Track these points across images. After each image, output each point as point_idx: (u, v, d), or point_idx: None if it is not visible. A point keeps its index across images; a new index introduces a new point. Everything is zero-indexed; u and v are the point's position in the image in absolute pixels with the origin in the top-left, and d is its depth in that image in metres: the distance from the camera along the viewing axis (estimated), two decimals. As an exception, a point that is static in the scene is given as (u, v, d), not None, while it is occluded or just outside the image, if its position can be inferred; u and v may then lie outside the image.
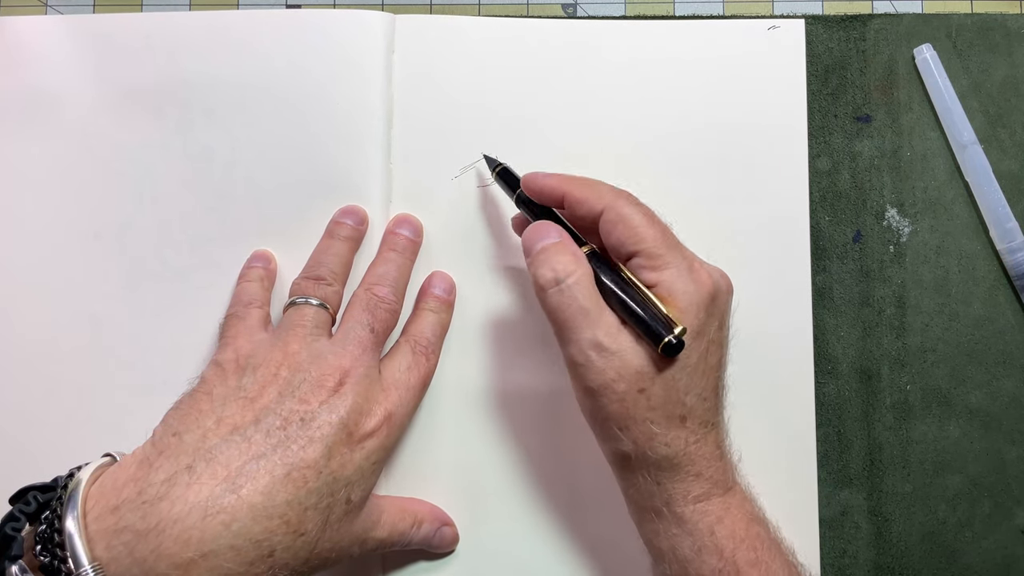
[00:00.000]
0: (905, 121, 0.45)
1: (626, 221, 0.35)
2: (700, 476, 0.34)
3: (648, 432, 0.33)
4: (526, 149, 0.44)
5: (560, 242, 0.36)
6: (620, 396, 0.33)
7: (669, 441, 0.33)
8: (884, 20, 0.45)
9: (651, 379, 0.33)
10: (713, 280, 0.35)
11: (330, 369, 0.36)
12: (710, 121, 0.44)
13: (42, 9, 0.47)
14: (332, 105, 0.43)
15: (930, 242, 0.44)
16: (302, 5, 0.47)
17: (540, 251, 0.36)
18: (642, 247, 0.34)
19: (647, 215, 0.35)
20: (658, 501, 0.34)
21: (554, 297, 0.34)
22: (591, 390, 0.34)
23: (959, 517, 0.43)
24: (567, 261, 0.35)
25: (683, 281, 0.34)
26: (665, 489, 0.34)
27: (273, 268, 0.42)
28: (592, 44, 0.44)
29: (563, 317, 0.34)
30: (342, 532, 0.35)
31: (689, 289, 0.34)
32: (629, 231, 0.35)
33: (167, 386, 0.39)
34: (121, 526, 0.30)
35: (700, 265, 0.35)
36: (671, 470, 0.34)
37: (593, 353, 0.33)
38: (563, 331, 0.35)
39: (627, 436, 0.34)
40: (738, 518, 0.34)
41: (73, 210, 0.44)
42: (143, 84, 0.44)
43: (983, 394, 0.43)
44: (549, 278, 0.35)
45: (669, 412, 0.33)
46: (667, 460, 0.34)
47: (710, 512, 0.34)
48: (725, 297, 0.36)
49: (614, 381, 0.33)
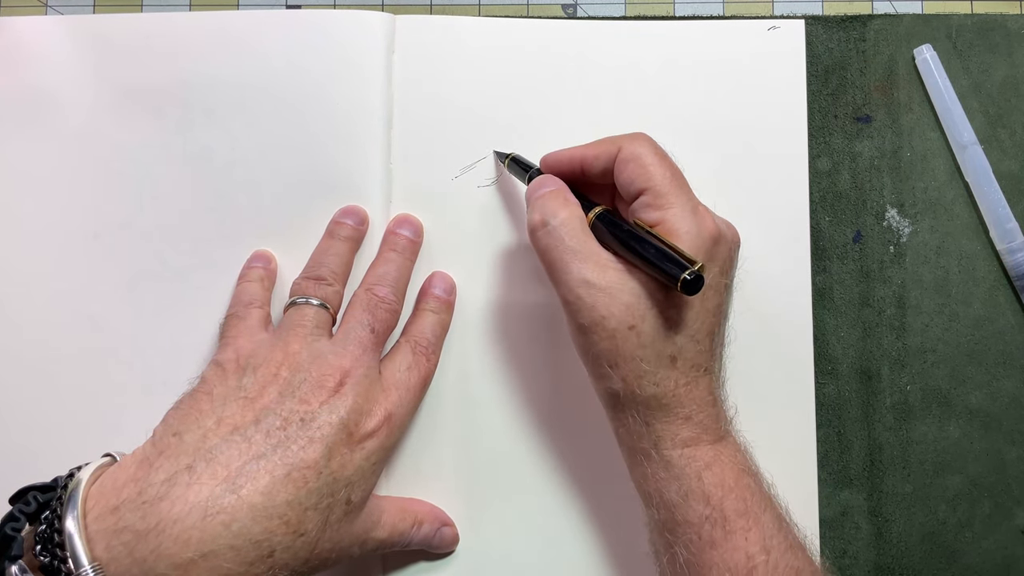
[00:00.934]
0: (905, 121, 0.45)
1: (638, 159, 0.35)
2: (689, 420, 0.34)
3: (638, 370, 0.33)
4: (526, 149, 0.43)
5: (554, 190, 0.37)
6: (610, 333, 0.33)
7: (658, 380, 0.34)
8: (884, 20, 0.45)
9: (641, 316, 0.33)
10: (717, 225, 0.35)
11: (330, 369, 0.36)
12: (710, 121, 0.44)
13: (42, 9, 0.47)
14: (332, 105, 0.43)
15: (930, 242, 0.44)
16: (302, 5, 0.47)
17: (535, 199, 0.37)
18: (650, 184, 0.35)
19: (659, 155, 0.36)
20: (646, 442, 0.34)
21: (543, 238, 0.35)
22: (582, 327, 0.34)
23: (959, 517, 0.43)
24: (556, 205, 0.36)
25: (686, 222, 0.34)
26: (654, 430, 0.34)
27: (273, 268, 0.42)
28: (592, 44, 0.44)
29: (551, 257, 0.35)
30: (342, 532, 0.35)
31: (691, 230, 0.34)
32: (639, 168, 0.35)
33: (167, 386, 0.39)
34: (121, 526, 0.30)
35: (705, 210, 0.35)
36: (660, 410, 0.34)
37: (582, 290, 0.34)
38: (553, 271, 0.35)
39: (617, 373, 0.34)
40: (728, 467, 0.34)
41: (73, 210, 0.44)
42: (143, 84, 0.44)
43: (983, 394, 0.43)
44: (537, 220, 0.36)
45: (659, 350, 0.33)
46: (656, 399, 0.34)
47: (698, 458, 0.34)
48: (728, 245, 0.36)
49: (604, 318, 0.33)
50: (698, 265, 0.32)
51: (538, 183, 0.38)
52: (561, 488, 0.42)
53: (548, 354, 0.43)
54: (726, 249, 0.35)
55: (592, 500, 0.42)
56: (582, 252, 0.34)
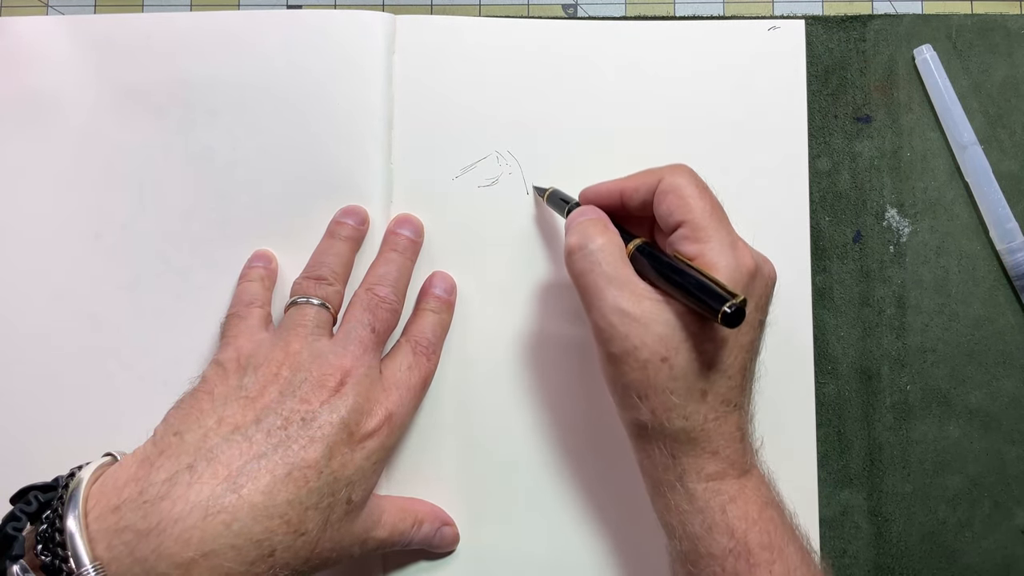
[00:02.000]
0: (905, 121, 0.45)
1: (678, 191, 0.35)
2: (716, 455, 0.34)
3: (667, 402, 0.33)
4: (526, 149, 0.44)
5: (593, 218, 0.37)
6: (642, 363, 0.33)
7: (688, 414, 0.33)
8: (884, 21, 0.45)
9: (675, 348, 0.33)
10: (755, 260, 0.35)
11: (331, 369, 0.36)
12: (710, 121, 0.44)
13: (43, 9, 0.47)
14: (333, 105, 0.43)
15: (930, 242, 0.44)
16: (302, 5, 0.47)
17: (575, 225, 0.37)
18: (689, 217, 0.34)
19: (700, 187, 0.36)
20: (671, 475, 0.34)
21: (579, 262, 0.35)
22: (614, 356, 0.34)
23: (959, 517, 0.43)
24: (595, 230, 0.36)
25: (724, 256, 0.34)
26: (680, 463, 0.34)
27: (274, 268, 0.42)
28: (592, 45, 0.44)
29: (586, 282, 0.35)
30: (343, 532, 0.35)
31: (730, 264, 0.33)
32: (679, 200, 0.35)
33: (168, 386, 0.39)
34: (122, 525, 0.30)
35: (744, 245, 0.35)
36: (687, 444, 0.33)
37: (616, 318, 0.33)
38: (587, 296, 0.35)
39: (646, 405, 0.33)
40: (752, 500, 0.34)
41: (74, 210, 0.44)
42: (144, 84, 0.44)
43: (983, 394, 0.43)
44: (575, 243, 0.35)
45: (690, 384, 0.33)
46: (684, 433, 0.33)
47: (723, 491, 0.34)
48: (765, 280, 0.35)
49: (636, 348, 0.33)
50: (740, 298, 0.31)
51: (579, 212, 0.38)
52: (561, 487, 0.42)
53: (548, 354, 0.43)
54: (762, 285, 0.35)
55: (592, 499, 0.42)
56: (618, 279, 0.34)
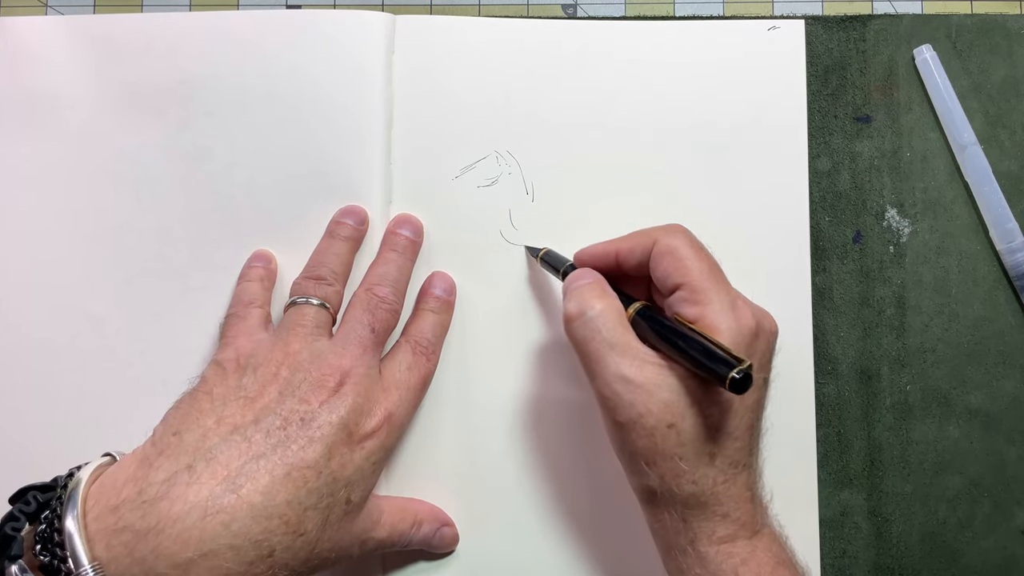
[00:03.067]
0: (905, 121, 0.45)
1: (674, 252, 0.35)
2: (727, 517, 0.33)
3: (676, 469, 0.33)
4: (526, 149, 0.44)
5: (591, 282, 0.36)
6: (649, 431, 0.32)
7: (697, 479, 0.33)
8: (884, 20, 0.45)
9: (681, 414, 0.32)
10: (756, 319, 0.34)
11: (330, 369, 0.36)
12: (710, 121, 0.44)
13: (42, 9, 0.47)
14: (332, 105, 0.43)
15: (930, 242, 0.44)
16: (302, 5, 0.47)
17: (572, 290, 0.36)
18: (687, 279, 0.34)
19: (696, 248, 0.35)
20: (683, 539, 0.34)
21: (579, 329, 0.35)
22: (620, 424, 0.33)
23: (959, 517, 0.43)
24: (593, 296, 0.35)
25: (725, 317, 0.33)
26: (691, 527, 0.33)
27: (273, 268, 0.42)
28: (592, 44, 0.44)
29: (587, 349, 0.34)
30: (342, 532, 0.35)
31: (731, 326, 0.33)
32: (676, 262, 0.35)
33: (167, 386, 0.39)
34: (121, 526, 0.30)
35: (744, 303, 0.34)
36: (697, 508, 0.33)
37: (620, 386, 0.33)
38: (589, 364, 0.34)
39: (654, 472, 0.33)
40: (764, 561, 0.33)
41: (73, 210, 0.44)
42: (143, 84, 0.44)
43: (983, 394, 0.43)
44: (574, 311, 0.35)
45: (698, 449, 0.33)
46: (694, 498, 0.33)
47: (735, 554, 0.33)
48: (767, 337, 0.35)
49: (642, 415, 0.32)
50: (746, 363, 0.30)
51: (576, 276, 0.37)
52: (561, 488, 0.42)
53: (547, 353, 0.43)
54: (765, 343, 0.35)
55: (592, 500, 0.42)
56: (620, 346, 0.33)
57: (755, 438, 0.35)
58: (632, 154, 0.44)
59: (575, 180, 0.44)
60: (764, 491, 0.35)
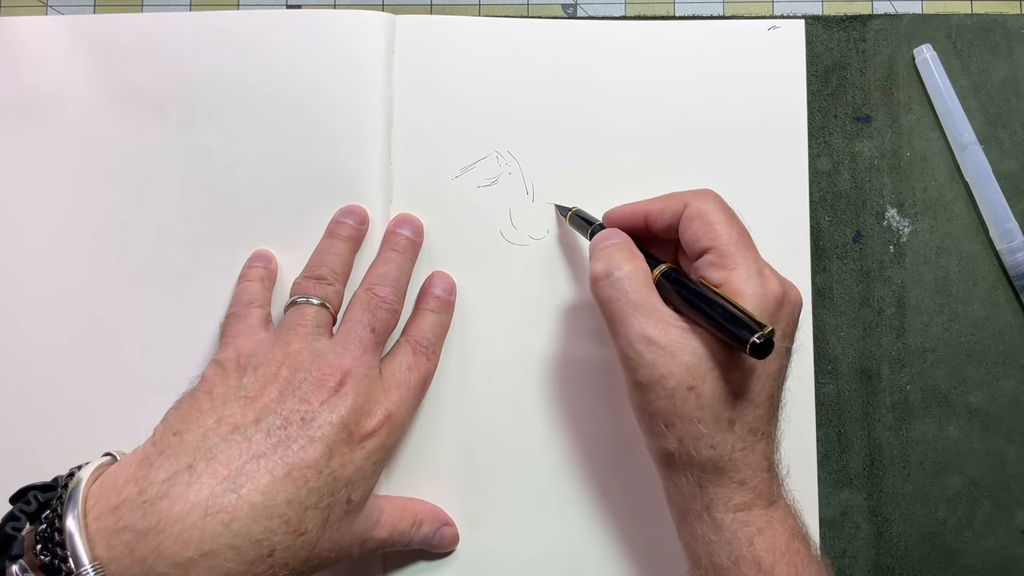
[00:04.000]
0: (905, 121, 0.45)
1: (704, 216, 0.35)
2: (744, 484, 0.33)
3: (695, 431, 0.33)
4: (526, 149, 0.44)
5: (619, 242, 0.36)
6: (669, 392, 0.33)
7: (715, 443, 0.33)
8: (884, 20, 0.45)
9: (702, 377, 0.32)
10: (783, 288, 0.34)
11: (331, 369, 0.36)
12: (710, 121, 0.44)
13: (42, 9, 0.47)
14: (332, 105, 0.43)
15: (930, 242, 0.44)
16: (302, 5, 0.47)
17: (600, 250, 0.36)
18: (715, 243, 0.34)
19: (727, 213, 0.35)
20: (698, 504, 0.34)
21: (605, 289, 0.35)
22: (640, 384, 0.33)
23: (959, 517, 0.43)
24: (621, 257, 0.35)
25: (751, 283, 0.33)
26: (707, 493, 0.33)
27: (274, 268, 0.42)
28: (592, 44, 0.44)
29: (613, 309, 0.34)
30: (342, 532, 0.35)
31: (756, 292, 0.33)
32: (705, 226, 0.35)
33: (168, 385, 0.39)
34: (121, 525, 0.30)
35: (771, 272, 0.35)
36: (715, 473, 0.33)
37: (642, 347, 0.33)
38: (613, 323, 0.34)
39: (673, 434, 0.33)
40: (779, 532, 0.33)
41: (74, 210, 0.44)
42: (143, 84, 0.44)
43: (983, 394, 0.43)
44: (601, 271, 0.35)
45: (718, 413, 0.33)
46: (711, 463, 0.33)
47: (750, 523, 0.33)
48: (792, 308, 0.35)
49: (663, 376, 0.33)
50: (768, 329, 0.31)
51: (604, 235, 0.37)
52: (562, 488, 0.42)
53: (549, 352, 0.43)
54: (789, 312, 0.35)
55: (592, 499, 0.42)
56: (645, 307, 0.34)
57: (775, 407, 0.35)
58: (632, 154, 0.44)
59: (575, 180, 0.44)
60: (781, 462, 0.36)
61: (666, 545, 0.37)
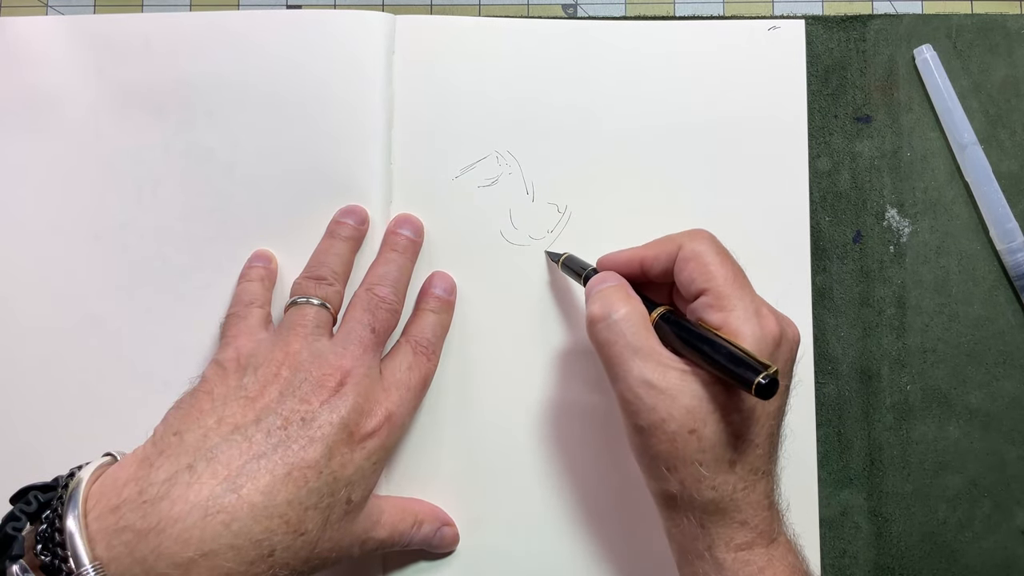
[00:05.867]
0: (905, 121, 0.45)
1: (699, 258, 0.35)
2: (745, 524, 0.33)
3: (696, 474, 0.33)
4: (526, 149, 0.44)
5: (615, 285, 0.36)
6: (670, 436, 0.33)
7: (717, 485, 0.33)
8: (884, 20, 0.45)
9: (703, 420, 0.32)
10: (780, 326, 0.34)
11: (331, 369, 0.36)
12: (710, 121, 0.44)
13: (42, 9, 0.47)
14: (333, 105, 0.43)
15: (930, 242, 0.44)
16: (302, 5, 0.47)
17: (596, 292, 0.36)
18: (711, 285, 0.34)
19: (721, 254, 0.35)
20: (700, 544, 0.34)
21: (602, 332, 0.35)
22: (641, 428, 0.33)
23: (959, 517, 0.43)
24: (617, 299, 0.35)
25: (749, 324, 0.33)
26: (709, 533, 0.33)
27: (274, 268, 0.42)
28: (592, 44, 0.44)
29: (610, 352, 0.34)
30: (342, 532, 0.35)
31: (755, 332, 0.33)
32: (700, 267, 0.35)
33: (168, 385, 0.39)
34: (122, 525, 0.30)
35: (768, 310, 0.34)
36: (716, 514, 0.33)
37: (642, 391, 0.33)
38: (612, 367, 0.34)
39: (675, 477, 0.33)
40: (780, 569, 0.33)
41: (74, 210, 0.44)
42: (143, 84, 0.44)
43: (983, 394, 0.43)
44: (598, 313, 0.35)
45: (719, 455, 0.33)
46: (713, 504, 0.33)
47: (752, 562, 0.33)
48: (790, 345, 0.35)
49: (664, 420, 0.32)
50: (773, 369, 0.30)
51: (600, 278, 0.37)
52: (561, 488, 0.42)
53: (548, 353, 0.43)
54: (788, 349, 0.35)
55: (592, 500, 0.42)
56: (643, 350, 0.34)
57: (775, 445, 0.35)
58: (632, 154, 0.44)
59: (575, 180, 0.44)
60: (781, 499, 0.36)
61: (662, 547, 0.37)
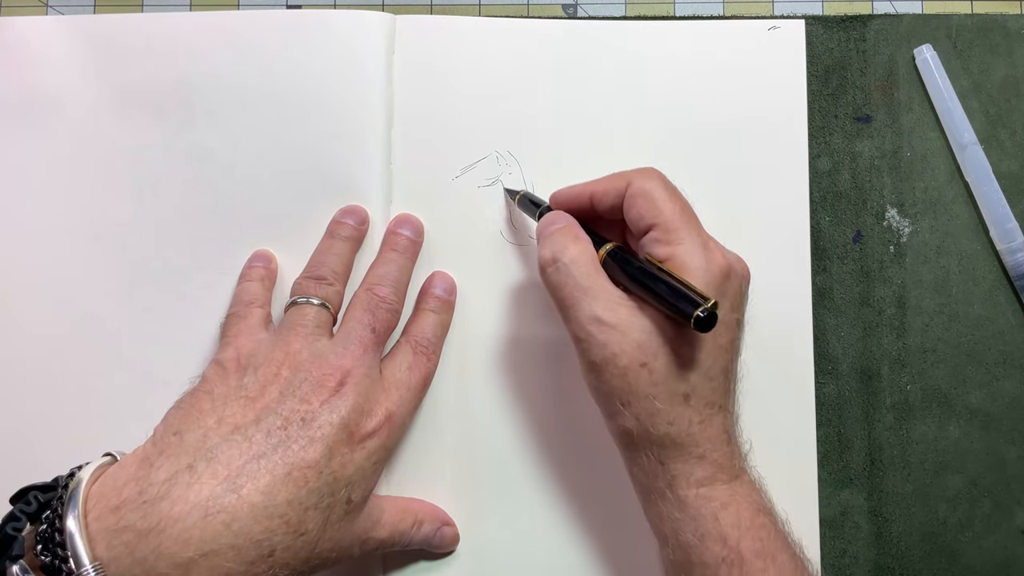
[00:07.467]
0: (905, 121, 0.45)
1: (647, 194, 0.35)
2: (704, 459, 0.34)
3: (651, 408, 0.33)
4: (526, 149, 0.44)
5: (564, 227, 0.37)
6: (622, 370, 0.33)
7: (672, 419, 0.33)
8: (884, 20, 0.45)
9: (653, 353, 0.33)
10: (728, 260, 0.35)
11: (331, 369, 0.36)
12: (710, 121, 0.44)
13: (42, 9, 0.47)
14: (333, 105, 0.43)
15: (930, 242, 0.44)
16: (302, 5, 0.47)
17: (545, 236, 0.37)
18: (659, 220, 0.35)
19: (669, 190, 0.36)
20: (661, 482, 0.34)
21: (553, 275, 0.35)
22: (594, 364, 0.34)
23: (959, 517, 0.43)
24: (566, 241, 0.36)
25: (696, 257, 0.34)
26: (668, 470, 0.34)
27: (274, 268, 0.42)
28: (592, 44, 0.44)
29: (562, 294, 0.35)
30: (343, 532, 0.35)
31: (702, 266, 0.33)
32: (648, 203, 0.35)
33: (168, 385, 0.39)
34: (122, 525, 0.30)
35: (716, 245, 0.35)
36: (674, 449, 0.33)
37: (593, 328, 0.34)
38: (563, 308, 0.35)
39: (630, 412, 0.34)
40: (744, 507, 0.34)
41: (74, 210, 0.44)
42: (143, 84, 0.44)
43: (983, 394, 0.43)
44: (548, 257, 0.36)
45: (672, 388, 0.33)
46: (669, 438, 0.33)
47: (714, 498, 0.33)
48: (739, 280, 0.35)
49: (615, 355, 0.33)
50: (711, 302, 0.31)
51: (548, 219, 0.38)
52: (561, 488, 0.42)
53: (548, 353, 0.43)
54: (737, 284, 0.35)
55: (592, 499, 0.42)
56: (592, 289, 0.34)
57: (730, 380, 0.35)
58: (632, 154, 0.44)
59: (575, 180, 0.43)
60: (742, 436, 0.36)
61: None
